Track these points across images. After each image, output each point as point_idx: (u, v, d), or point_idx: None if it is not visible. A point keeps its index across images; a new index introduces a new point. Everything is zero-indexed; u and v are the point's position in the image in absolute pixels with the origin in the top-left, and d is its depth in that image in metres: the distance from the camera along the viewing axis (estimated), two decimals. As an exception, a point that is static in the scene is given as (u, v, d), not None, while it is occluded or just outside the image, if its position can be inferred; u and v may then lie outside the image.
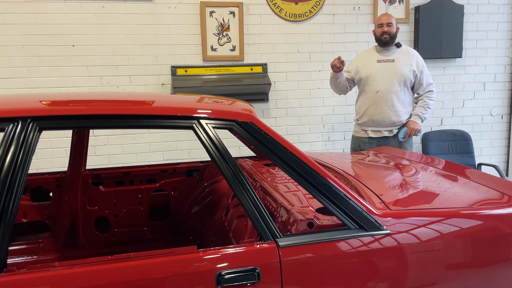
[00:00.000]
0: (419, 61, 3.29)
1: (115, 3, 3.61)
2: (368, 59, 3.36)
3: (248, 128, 1.46)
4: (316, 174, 1.43)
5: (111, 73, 3.69)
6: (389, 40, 3.25)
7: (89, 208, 2.60)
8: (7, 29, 3.47)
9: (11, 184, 1.26)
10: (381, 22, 3.26)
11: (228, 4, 3.80)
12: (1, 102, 1.41)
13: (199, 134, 1.41)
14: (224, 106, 1.55)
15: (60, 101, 1.49)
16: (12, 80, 3.54)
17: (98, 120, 1.35)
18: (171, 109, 1.43)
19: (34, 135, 1.30)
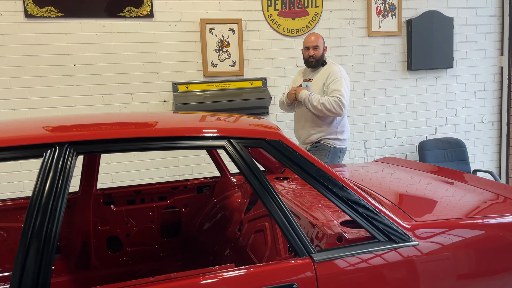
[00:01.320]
0: (331, 76, 3.14)
1: (116, 22, 3.64)
2: (298, 78, 3.45)
3: (277, 146, 1.50)
4: (345, 189, 1.48)
5: (113, 91, 3.70)
6: (315, 64, 3.24)
7: (101, 228, 2.59)
8: (7, 50, 3.46)
9: (52, 210, 1.27)
10: (307, 45, 3.22)
11: (227, 21, 3.86)
12: (34, 127, 1.43)
13: (231, 153, 1.45)
14: (252, 125, 1.59)
15: (94, 125, 1.51)
16: (13, 100, 3.52)
17: (134, 143, 1.38)
18: (204, 130, 1.47)
19: (71, 160, 1.32)
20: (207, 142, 1.45)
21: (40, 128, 1.39)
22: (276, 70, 4.09)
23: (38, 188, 1.28)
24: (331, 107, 3.05)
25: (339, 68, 3.19)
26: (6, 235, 2.43)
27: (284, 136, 1.56)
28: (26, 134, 1.32)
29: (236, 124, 1.61)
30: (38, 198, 1.28)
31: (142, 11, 3.68)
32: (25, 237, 1.25)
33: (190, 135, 1.43)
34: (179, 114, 1.93)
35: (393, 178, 2.41)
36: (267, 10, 3.98)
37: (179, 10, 3.77)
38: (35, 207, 1.27)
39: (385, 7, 4.29)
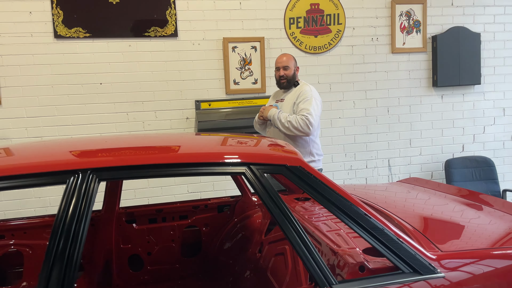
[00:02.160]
0: (301, 95, 3.09)
1: (142, 42, 3.72)
2: (273, 99, 3.38)
3: (297, 172, 1.48)
4: (368, 217, 1.45)
5: (137, 108, 3.77)
6: (286, 84, 3.18)
7: (123, 246, 2.61)
8: (37, 70, 3.58)
9: (74, 233, 1.29)
10: (278, 65, 3.18)
11: (250, 39, 3.90)
12: (58, 152, 1.46)
13: (251, 180, 1.44)
14: (273, 150, 1.58)
15: (116, 150, 1.53)
16: (42, 118, 3.63)
17: (154, 169, 1.39)
18: (224, 156, 1.46)
19: (94, 186, 1.34)
20: (228, 168, 1.45)
21: (64, 154, 1.42)
22: (298, 88, 4.08)
23: (61, 212, 1.31)
24: (297, 125, 2.97)
25: (310, 88, 3.14)
26: (32, 252, 2.48)
27: (305, 162, 1.54)
28: (50, 160, 1.35)
29: (256, 150, 1.61)
30: (62, 221, 1.31)
31: (166, 31, 3.75)
32: (49, 258, 1.28)
33: (210, 162, 1.43)
34: (199, 137, 1.94)
35: (417, 201, 2.35)
36: (289, 28, 4.00)
37: (202, 30, 3.82)
38: (59, 229, 1.30)
39: (409, 23, 4.24)
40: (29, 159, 1.38)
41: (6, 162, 1.33)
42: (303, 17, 4.01)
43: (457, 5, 4.32)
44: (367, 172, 4.33)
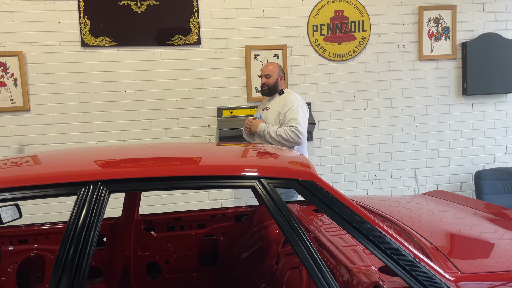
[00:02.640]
0: (287, 104, 3.12)
1: (165, 50, 3.77)
2: (260, 107, 3.48)
3: (309, 187, 1.45)
4: (383, 236, 1.39)
5: (160, 116, 3.82)
6: (267, 91, 3.28)
7: (141, 253, 2.62)
8: (65, 77, 3.68)
9: (83, 245, 1.30)
10: (261, 73, 3.32)
11: (272, 47, 3.88)
12: (71, 163, 1.48)
13: (261, 194, 1.41)
14: (284, 163, 1.55)
15: (127, 162, 1.54)
16: (68, 125, 3.72)
17: (163, 182, 1.38)
18: (233, 169, 1.44)
19: (104, 197, 1.35)
20: (237, 182, 1.43)
21: (78, 165, 1.43)
22: (321, 95, 4.03)
23: (71, 222, 1.32)
24: (288, 137, 3.04)
25: (295, 97, 3.18)
26: (53, 257, 2.53)
27: (317, 176, 1.50)
28: (62, 171, 1.37)
29: (267, 162, 1.58)
30: (72, 231, 1.32)
31: (190, 39, 3.79)
32: (58, 266, 1.29)
33: (218, 175, 1.41)
34: (212, 148, 1.93)
35: (440, 216, 2.25)
36: (312, 35, 3.96)
37: (225, 38, 3.84)
38: (68, 239, 1.31)
39: (438, 29, 4.11)
40: (43, 169, 1.40)
41: (16, 173, 1.36)
42: (327, 24, 3.96)
43: (488, 10, 4.16)
44: (392, 183, 4.21)
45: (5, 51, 3.58)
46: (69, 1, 3.64)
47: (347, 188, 4.13)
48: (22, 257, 2.51)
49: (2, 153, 3.65)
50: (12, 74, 3.60)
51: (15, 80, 3.61)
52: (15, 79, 3.60)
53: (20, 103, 3.63)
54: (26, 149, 3.69)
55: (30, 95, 3.66)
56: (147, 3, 3.71)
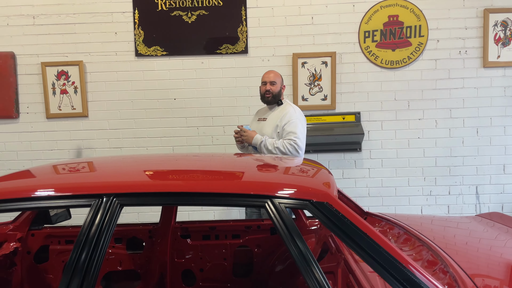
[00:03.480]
0: (286, 117, 2.98)
1: (213, 59, 3.83)
2: (255, 117, 3.29)
3: (323, 209, 1.36)
4: (403, 268, 1.27)
5: (207, 123, 3.88)
6: (271, 99, 3.08)
7: (177, 260, 2.66)
8: (120, 85, 3.88)
9: (92, 254, 1.33)
10: (265, 80, 3.11)
11: (320, 54, 3.78)
12: (86, 176, 1.52)
13: (271, 214, 1.36)
14: (299, 181, 1.48)
15: (142, 174, 1.56)
16: (122, 130, 3.91)
17: (173, 197, 1.38)
18: (243, 187, 1.40)
19: (116, 211, 1.37)
20: (247, 200, 1.38)
21: (94, 176, 1.48)
22: (372, 104, 3.85)
23: (83, 232, 1.36)
24: (286, 150, 2.91)
25: (294, 109, 3.04)
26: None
27: (333, 198, 1.41)
28: (78, 183, 1.42)
29: (281, 179, 1.52)
30: (83, 240, 1.36)
31: (237, 48, 3.81)
32: (68, 271, 1.34)
33: (228, 192, 1.38)
34: (230, 160, 1.90)
35: (493, 245, 2.02)
36: (364, 42, 3.80)
37: (272, 46, 3.81)
38: (79, 247, 1.35)
39: (505, 34, 3.75)
40: (60, 180, 1.46)
41: (32, 183, 1.43)
42: (379, 30, 3.78)
43: None
44: (450, 199, 3.91)
45: (67, 60, 3.85)
46: (125, 13, 3.83)
47: (399, 203, 3.90)
48: (68, 256, 2.65)
49: (62, 156, 3.93)
50: (73, 82, 3.86)
51: (76, 88, 3.87)
52: (75, 87, 3.87)
53: (79, 109, 3.88)
54: (83, 152, 3.93)
55: (88, 102, 3.90)
56: (197, 13, 3.79)
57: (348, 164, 3.88)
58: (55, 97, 3.88)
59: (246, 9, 3.79)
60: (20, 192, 1.36)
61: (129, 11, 3.82)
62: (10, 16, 3.84)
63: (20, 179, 1.57)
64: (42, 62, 3.85)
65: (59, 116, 3.90)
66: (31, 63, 3.88)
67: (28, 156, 3.94)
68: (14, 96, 3.87)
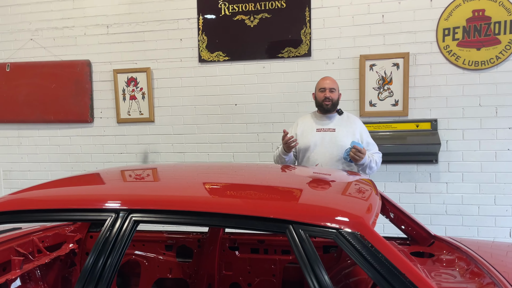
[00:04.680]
0: (363, 131, 2.81)
1: (275, 63, 3.70)
2: (306, 127, 2.88)
3: (353, 241, 1.15)
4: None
5: (267, 130, 3.76)
6: (330, 108, 2.81)
7: (225, 272, 2.58)
8: (184, 91, 3.92)
9: (104, 269, 1.28)
10: (324, 86, 2.83)
11: (391, 55, 3.45)
12: (104, 189, 1.47)
13: (291, 242, 1.18)
14: (330, 203, 1.28)
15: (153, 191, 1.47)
16: (185, 136, 3.95)
17: (187, 216, 1.27)
18: (263, 210, 1.25)
19: (132, 227, 1.30)
20: (266, 224, 1.22)
21: (112, 190, 1.42)
22: (451, 111, 3.41)
23: (95, 250, 1.30)
24: (378, 164, 2.78)
25: (359, 119, 2.92)
26: (148, 264, 2.67)
27: (368, 227, 1.19)
28: (95, 195, 1.37)
29: (308, 201, 1.32)
30: (94, 257, 1.30)
31: (300, 51, 3.63)
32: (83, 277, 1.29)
33: (244, 214, 1.23)
34: (264, 173, 1.73)
35: None
36: (443, 40, 3.38)
37: (338, 48, 3.57)
38: (91, 258, 1.30)
39: None
40: (77, 192, 1.43)
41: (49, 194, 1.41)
42: (461, 27, 3.34)
43: None
44: (548, 222, 3.32)
45: (136, 67, 3.99)
46: (190, 19, 3.86)
47: (483, 223, 3.41)
48: (122, 260, 2.71)
49: (130, 159, 4.08)
50: (141, 89, 3.99)
51: (143, 94, 3.99)
52: (143, 93, 3.99)
53: (146, 115, 4.00)
54: (149, 156, 4.05)
55: (154, 107, 4.00)
56: (260, 17, 3.69)
57: (422, 177, 3.48)
58: (125, 102, 4.04)
59: (310, 10, 3.60)
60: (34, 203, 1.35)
61: (194, 17, 3.85)
62: (87, 26, 4.09)
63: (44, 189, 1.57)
64: (114, 69, 4.04)
65: (128, 121, 4.06)
66: (104, 71, 4.09)
67: (100, 158, 4.16)
68: (89, 102, 4.12)
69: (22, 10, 4.24)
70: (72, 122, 4.18)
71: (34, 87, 4.19)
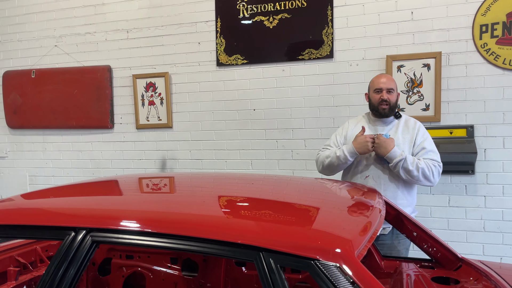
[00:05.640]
0: (419, 136, 2.40)
1: (295, 65, 3.50)
2: (358, 132, 2.44)
3: (330, 273, 0.94)
4: None
5: (287, 136, 3.55)
6: (388, 111, 2.42)
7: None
8: (201, 96, 3.80)
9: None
10: (380, 86, 2.43)
11: (421, 55, 3.15)
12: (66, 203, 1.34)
13: (260, 271, 0.99)
14: (308, 230, 1.07)
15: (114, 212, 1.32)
16: (202, 142, 3.82)
17: (147, 237, 1.11)
18: (230, 233, 1.06)
19: (89, 247, 1.16)
20: (234, 250, 1.04)
21: (73, 208, 1.29)
22: (490, 116, 3.06)
23: (51, 270, 1.17)
24: (430, 173, 2.31)
25: (420, 123, 2.48)
26: (153, 277, 2.55)
27: (351, 257, 0.97)
28: (53, 214, 1.24)
29: (281, 226, 1.12)
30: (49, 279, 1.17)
31: (321, 52, 3.41)
32: None
33: (208, 238, 1.05)
34: (250, 187, 1.54)
35: None
36: (480, 38, 3.05)
37: (362, 48, 3.32)
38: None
39: None
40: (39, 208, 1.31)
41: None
42: (501, 23, 2.99)
43: None
44: None
45: (154, 72, 3.92)
46: (208, 22, 3.74)
47: (528, 243, 3.02)
48: (128, 272, 2.61)
49: (149, 166, 4.00)
50: (160, 94, 3.91)
51: (162, 99, 3.91)
52: (161, 98, 3.91)
53: (164, 120, 3.91)
54: (167, 163, 3.95)
55: (173, 113, 3.90)
56: (279, 17, 3.51)
57: (457, 190, 3.14)
58: (144, 108, 3.98)
59: (332, 8, 3.37)
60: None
61: (212, 20, 3.72)
62: (108, 31, 4.07)
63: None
64: (133, 74, 3.99)
65: (147, 127, 3.99)
66: (124, 76, 4.05)
67: (120, 164, 4.12)
68: (109, 107, 4.09)
69: (47, 17, 4.29)
70: (93, 128, 4.17)
71: (57, 93, 4.23)
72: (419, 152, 2.38)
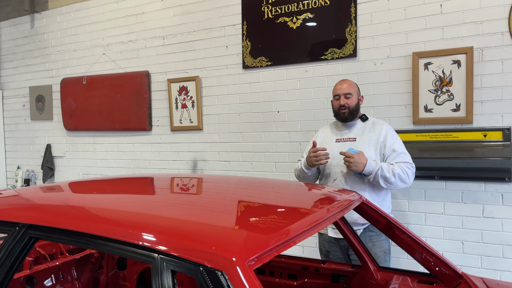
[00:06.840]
0: (388, 136, 2.45)
1: (318, 66, 3.41)
2: (326, 137, 2.64)
3: (213, 281, 0.92)
4: None
5: (309, 139, 3.45)
6: (348, 116, 2.51)
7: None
8: (229, 99, 3.85)
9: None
10: (337, 92, 2.56)
11: (451, 51, 2.90)
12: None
13: (154, 275, 1.00)
14: (205, 233, 1.06)
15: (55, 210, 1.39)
16: (230, 144, 3.87)
17: (70, 236, 1.17)
18: (132, 234, 1.08)
19: (25, 244, 1.25)
20: (133, 251, 1.06)
21: (20, 204, 1.39)
22: (531, 117, 2.73)
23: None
24: (406, 177, 2.37)
25: (388, 125, 2.55)
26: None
27: (242, 265, 0.94)
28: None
29: (183, 228, 1.10)
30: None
31: (345, 51, 3.28)
32: None
33: (110, 237, 1.08)
34: (193, 186, 1.53)
35: None
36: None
37: (387, 45, 3.13)
38: None
39: None
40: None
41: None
42: (544, 11, 2.66)
43: None
44: None
45: (187, 76, 4.05)
46: (235, 25, 3.79)
47: None
48: (142, 267, 2.74)
49: (182, 166, 4.15)
50: (191, 97, 4.04)
51: (193, 102, 4.03)
52: (193, 101, 4.03)
53: (195, 123, 4.03)
54: (198, 164, 4.06)
55: (203, 115, 4.01)
56: (302, 17, 3.44)
57: (492, 199, 2.84)
58: (177, 111, 4.13)
59: (356, 5, 3.23)
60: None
61: (239, 23, 3.76)
62: (147, 38, 4.29)
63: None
64: (168, 79, 4.16)
65: (180, 129, 4.14)
66: (160, 80, 4.24)
67: (157, 165, 4.32)
68: (148, 110, 4.31)
69: (97, 28, 4.64)
70: (134, 130, 4.43)
71: (103, 98, 4.56)
72: (390, 154, 2.42)
